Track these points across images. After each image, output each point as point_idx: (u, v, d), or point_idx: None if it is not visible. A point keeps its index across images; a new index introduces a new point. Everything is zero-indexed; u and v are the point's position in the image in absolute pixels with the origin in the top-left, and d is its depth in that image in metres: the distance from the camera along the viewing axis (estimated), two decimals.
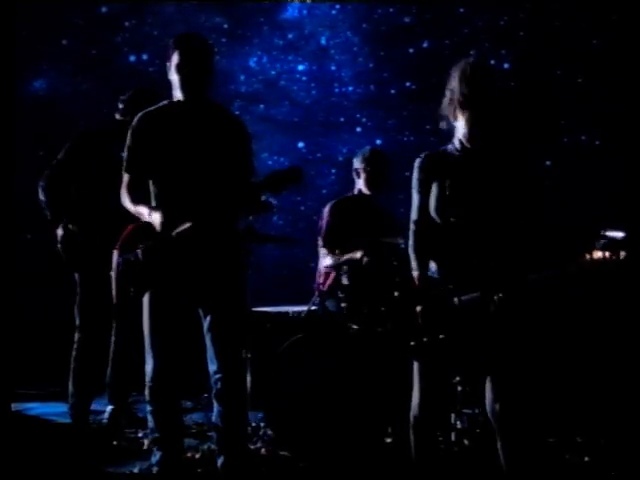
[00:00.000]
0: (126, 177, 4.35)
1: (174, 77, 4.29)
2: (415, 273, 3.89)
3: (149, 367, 4.29)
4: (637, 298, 5.58)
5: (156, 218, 4.12)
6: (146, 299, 4.26)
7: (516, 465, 3.84)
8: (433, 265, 3.91)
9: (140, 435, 5.27)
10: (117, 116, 5.60)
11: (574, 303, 5.38)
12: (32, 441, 5.15)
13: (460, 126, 3.87)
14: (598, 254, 3.69)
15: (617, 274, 3.67)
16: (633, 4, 6.89)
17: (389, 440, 4.98)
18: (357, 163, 5.68)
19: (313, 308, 5.52)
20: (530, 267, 3.83)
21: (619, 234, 3.65)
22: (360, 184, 5.68)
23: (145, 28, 7.73)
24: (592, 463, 4.74)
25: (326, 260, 5.53)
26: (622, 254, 3.67)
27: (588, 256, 3.67)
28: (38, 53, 7.45)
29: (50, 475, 4.62)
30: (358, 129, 7.91)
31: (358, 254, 5.29)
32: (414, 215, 3.94)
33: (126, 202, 4.32)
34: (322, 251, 5.59)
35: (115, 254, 4.23)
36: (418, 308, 3.81)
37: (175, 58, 4.26)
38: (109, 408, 5.64)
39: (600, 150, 7.31)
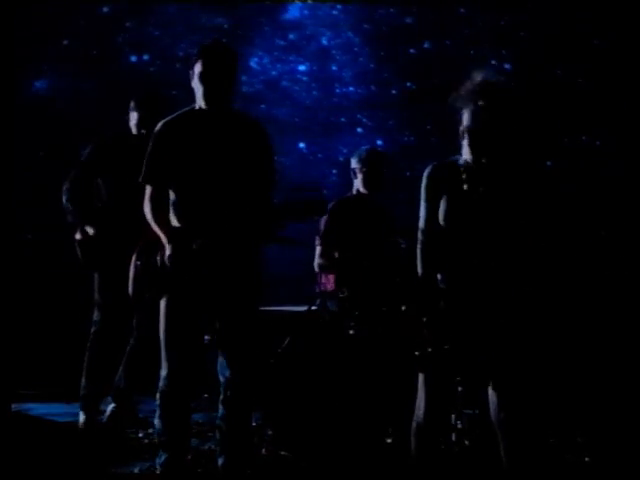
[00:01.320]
0: (148, 189, 4.31)
1: (197, 86, 4.27)
2: (423, 282, 3.88)
3: (164, 372, 4.27)
4: (637, 299, 5.58)
5: (167, 251, 4.12)
6: (163, 304, 4.25)
7: (518, 466, 3.85)
8: (439, 275, 3.90)
9: (141, 435, 5.27)
10: (133, 129, 5.55)
11: (574, 303, 5.38)
12: (33, 441, 5.15)
13: (465, 147, 3.89)
14: None
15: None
16: (633, 4, 6.89)
17: (389, 440, 4.97)
18: (354, 163, 5.69)
19: (313, 308, 5.52)
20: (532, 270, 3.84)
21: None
22: (358, 184, 5.68)
23: (146, 28, 7.74)
24: (592, 463, 4.74)
25: (319, 260, 5.56)
26: None
27: None
28: (39, 53, 7.45)
29: (51, 475, 4.63)
30: (359, 129, 7.91)
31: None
32: (422, 224, 3.92)
33: (148, 215, 4.28)
34: (317, 250, 5.62)
35: (134, 256, 4.25)
36: (424, 319, 3.80)
37: (198, 67, 4.23)
38: (111, 406, 5.65)
39: (601, 150, 7.32)
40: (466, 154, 3.88)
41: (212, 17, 7.70)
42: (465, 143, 3.87)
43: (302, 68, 7.98)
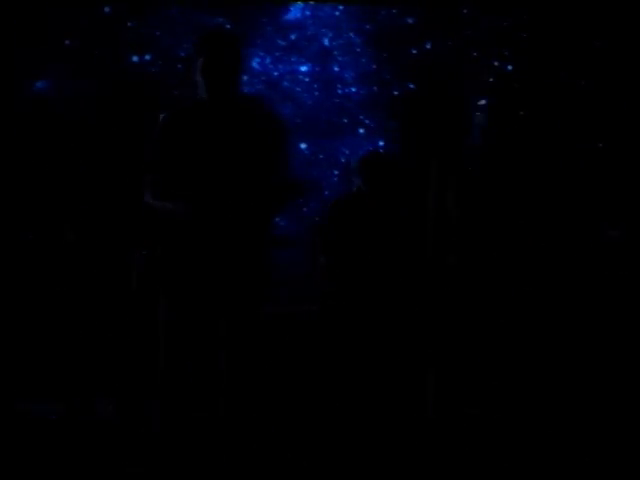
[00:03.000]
0: (149, 177, 4.34)
1: (199, 79, 4.28)
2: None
3: (161, 363, 4.30)
4: (636, 298, 5.58)
5: (179, 206, 4.16)
6: (162, 295, 4.27)
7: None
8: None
9: (141, 435, 5.28)
10: None
11: (572, 302, 5.38)
12: (33, 441, 5.16)
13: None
14: None
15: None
16: (634, 5, 6.90)
17: (389, 440, 4.97)
18: (354, 162, 5.77)
19: (313, 308, 5.53)
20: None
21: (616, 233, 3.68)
22: (358, 182, 5.71)
23: (148, 29, 7.74)
24: (592, 463, 4.74)
25: (317, 260, 5.60)
26: None
27: None
28: (39, 53, 7.46)
29: (51, 475, 4.63)
30: (361, 130, 7.91)
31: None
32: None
33: (149, 199, 4.32)
34: (316, 251, 5.65)
35: (137, 251, 4.27)
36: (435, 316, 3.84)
37: (199, 60, 4.25)
38: (109, 399, 5.69)
39: (602, 153, 7.31)
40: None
41: (213, 17, 7.71)
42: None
43: (304, 69, 7.98)
